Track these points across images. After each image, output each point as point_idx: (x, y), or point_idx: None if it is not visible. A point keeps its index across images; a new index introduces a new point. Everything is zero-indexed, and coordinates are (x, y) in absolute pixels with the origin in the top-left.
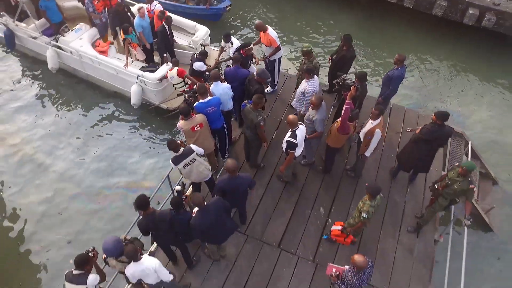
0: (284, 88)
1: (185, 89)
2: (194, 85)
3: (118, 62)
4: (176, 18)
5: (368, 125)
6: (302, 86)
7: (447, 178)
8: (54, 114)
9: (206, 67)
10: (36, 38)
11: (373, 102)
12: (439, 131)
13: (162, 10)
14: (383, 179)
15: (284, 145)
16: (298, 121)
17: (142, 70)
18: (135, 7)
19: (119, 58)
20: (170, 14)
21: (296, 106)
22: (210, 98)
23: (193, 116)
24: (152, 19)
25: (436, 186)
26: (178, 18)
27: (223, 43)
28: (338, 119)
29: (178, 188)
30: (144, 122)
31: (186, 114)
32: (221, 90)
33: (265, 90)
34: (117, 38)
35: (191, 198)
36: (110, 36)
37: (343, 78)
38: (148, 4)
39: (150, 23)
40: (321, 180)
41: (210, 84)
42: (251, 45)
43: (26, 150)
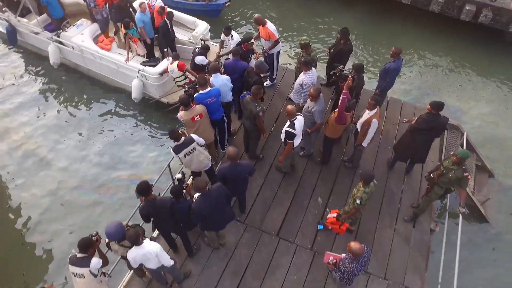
0: (282, 82)
1: (185, 82)
2: (194, 79)
3: (119, 57)
4: (176, 13)
5: (365, 115)
6: (300, 78)
7: (442, 167)
8: (56, 109)
9: (207, 61)
10: (38, 33)
11: (370, 95)
12: (435, 121)
13: (162, 5)
14: (380, 170)
15: (282, 135)
16: (297, 112)
17: (143, 65)
18: (137, 2)
19: (120, 53)
20: (170, 10)
21: (294, 98)
22: (210, 89)
23: (193, 106)
24: (152, 15)
25: (431, 175)
26: (178, 13)
27: (223, 37)
28: (335, 110)
29: (179, 176)
30: (145, 116)
31: (186, 104)
32: (220, 81)
33: (263, 82)
34: (118, 34)
35: (194, 183)
36: (111, 31)
37: (340, 69)
38: None
39: (151, 19)
40: (319, 171)
41: (209, 76)
42: (252, 39)
43: (28, 144)
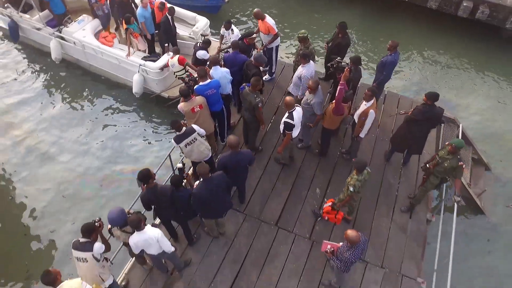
0: (281, 76)
1: (186, 75)
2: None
3: (120, 52)
4: (176, 9)
5: (362, 106)
6: (299, 71)
7: (438, 157)
8: (58, 104)
9: (209, 56)
10: (40, 29)
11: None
12: (430, 112)
13: (162, 1)
14: (378, 162)
15: (281, 126)
16: (295, 104)
17: (143, 60)
18: None
19: (122, 48)
20: (171, 5)
21: (293, 91)
22: (210, 80)
23: (192, 98)
24: (153, 10)
25: (427, 165)
26: (179, 9)
27: (223, 31)
28: (333, 101)
29: (180, 165)
30: (146, 110)
31: (186, 95)
32: (220, 74)
33: (262, 75)
34: (118, 29)
35: (198, 168)
36: (113, 27)
37: (338, 60)
38: None
39: (151, 14)
40: (317, 162)
41: (209, 68)
42: (254, 34)
43: (31, 139)
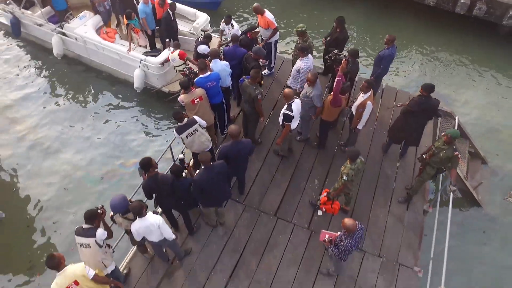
0: (280, 71)
1: (186, 68)
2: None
3: (121, 47)
4: (177, 5)
5: (359, 98)
6: (297, 64)
7: (434, 147)
8: (59, 99)
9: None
10: (41, 25)
11: None
12: (426, 103)
13: None
14: (376, 154)
15: (280, 118)
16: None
17: (144, 55)
18: None
19: (123, 44)
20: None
21: (291, 84)
22: (209, 73)
23: (192, 89)
24: (154, 6)
25: (424, 156)
26: (179, 5)
27: (223, 26)
28: (330, 93)
29: (181, 156)
30: (147, 105)
31: (186, 87)
32: (219, 66)
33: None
34: (119, 25)
35: (200, 155)
36: (114, 23)
37: (335, 53)
38: None
39: (152, 10)
40: (315, 154)
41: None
42: (257, 28)
43: (34, 134)
